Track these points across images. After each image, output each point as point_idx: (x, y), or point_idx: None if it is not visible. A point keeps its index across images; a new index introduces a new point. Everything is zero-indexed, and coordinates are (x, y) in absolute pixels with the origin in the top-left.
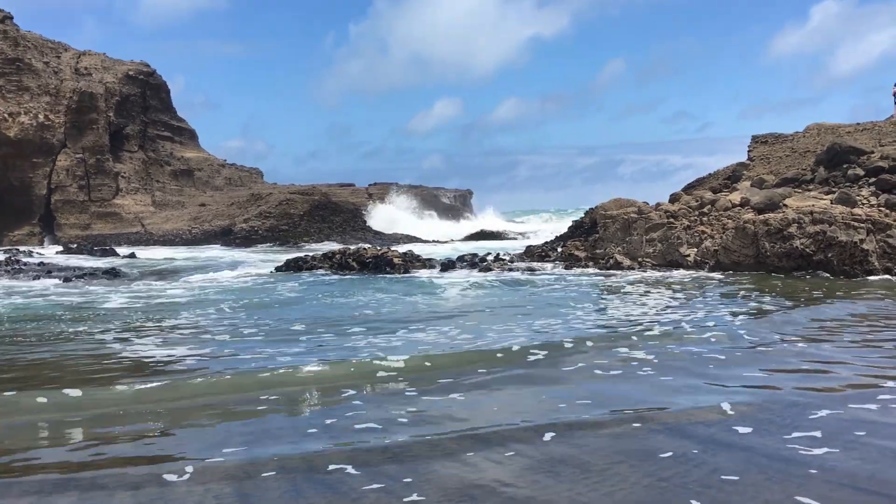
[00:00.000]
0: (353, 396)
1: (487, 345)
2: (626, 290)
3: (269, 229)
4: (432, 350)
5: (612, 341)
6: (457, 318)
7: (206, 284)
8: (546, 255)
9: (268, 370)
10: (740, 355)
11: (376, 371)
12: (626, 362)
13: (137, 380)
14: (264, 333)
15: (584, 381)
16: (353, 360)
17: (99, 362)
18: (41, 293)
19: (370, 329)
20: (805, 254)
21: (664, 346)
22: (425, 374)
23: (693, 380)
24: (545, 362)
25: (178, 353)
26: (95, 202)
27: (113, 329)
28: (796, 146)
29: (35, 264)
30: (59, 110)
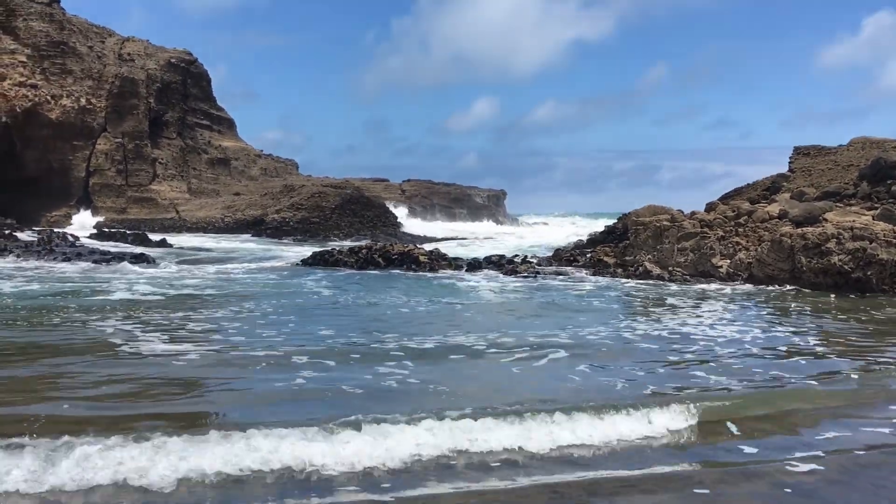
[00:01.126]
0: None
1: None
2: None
3: (300, 221)
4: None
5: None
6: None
7: (228, 276)
8: (574, 259)
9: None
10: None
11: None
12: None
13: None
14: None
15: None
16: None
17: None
18: (61, 277)
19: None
20: (843, 271)
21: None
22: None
23: None
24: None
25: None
26: (132, 187)
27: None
28: (839, 159)
29: (67, 247)
30: (101, 95)
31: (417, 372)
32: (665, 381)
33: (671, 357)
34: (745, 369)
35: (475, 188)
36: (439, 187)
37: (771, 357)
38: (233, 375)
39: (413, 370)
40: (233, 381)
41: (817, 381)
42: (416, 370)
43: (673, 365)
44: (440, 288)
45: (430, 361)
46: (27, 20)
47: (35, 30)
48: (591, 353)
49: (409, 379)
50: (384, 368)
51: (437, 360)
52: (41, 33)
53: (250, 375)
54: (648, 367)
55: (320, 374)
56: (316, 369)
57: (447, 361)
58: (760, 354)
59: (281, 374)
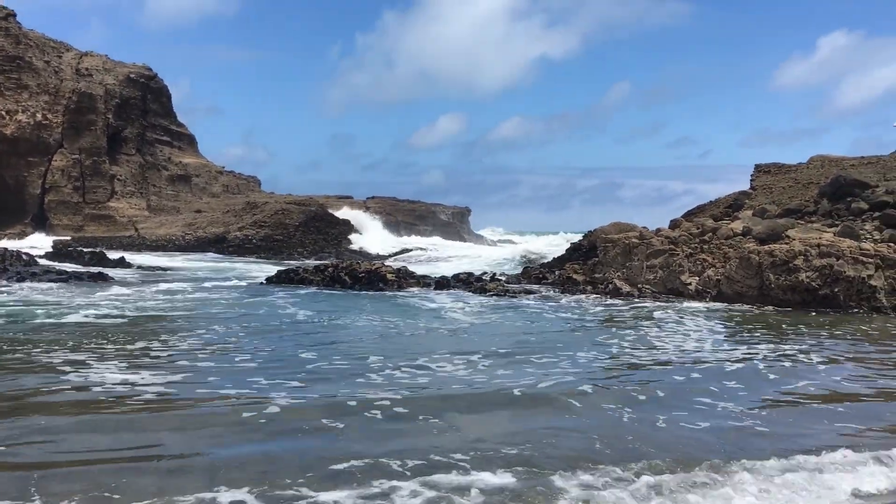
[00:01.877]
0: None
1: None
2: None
3: (262, 239)
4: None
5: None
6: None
7: (191, 296)
8: (543, 276)
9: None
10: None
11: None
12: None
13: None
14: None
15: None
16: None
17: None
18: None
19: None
20: (811, 288)
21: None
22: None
23: None
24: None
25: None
26: (90, 204)
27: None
28: (799, 177)
29: (21, 266)
30: (58, 110)
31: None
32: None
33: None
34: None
35: (440, 205)
36: (404, 204)
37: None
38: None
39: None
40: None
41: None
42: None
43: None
44: (414, 310)
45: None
46: None
47: None
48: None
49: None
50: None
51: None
52: None
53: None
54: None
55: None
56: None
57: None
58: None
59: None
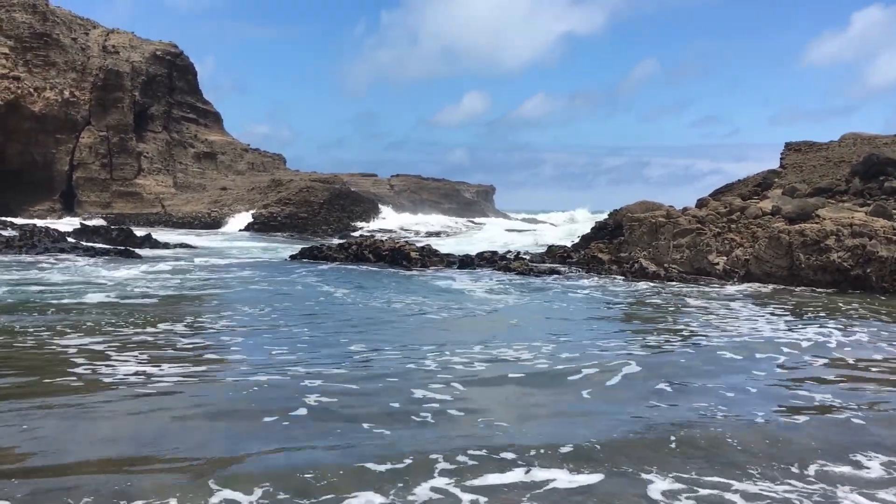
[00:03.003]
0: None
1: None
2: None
3: (287, 216)
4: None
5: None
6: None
7: (219, 276)
8: (568, 255)
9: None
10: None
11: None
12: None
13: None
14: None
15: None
16: None
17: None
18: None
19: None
20: (842, 268)
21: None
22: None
23: None
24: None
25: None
26: (117, 181)
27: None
28: (831, 155)
29: (49, 242)
30: (85, 87)
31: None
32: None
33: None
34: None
35: (464, 183)
36: (428, 182)
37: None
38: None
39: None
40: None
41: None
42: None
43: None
44: (445, 292)
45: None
46: (10, 11)
47: (18, 21)
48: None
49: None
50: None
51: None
52: (24, 25)
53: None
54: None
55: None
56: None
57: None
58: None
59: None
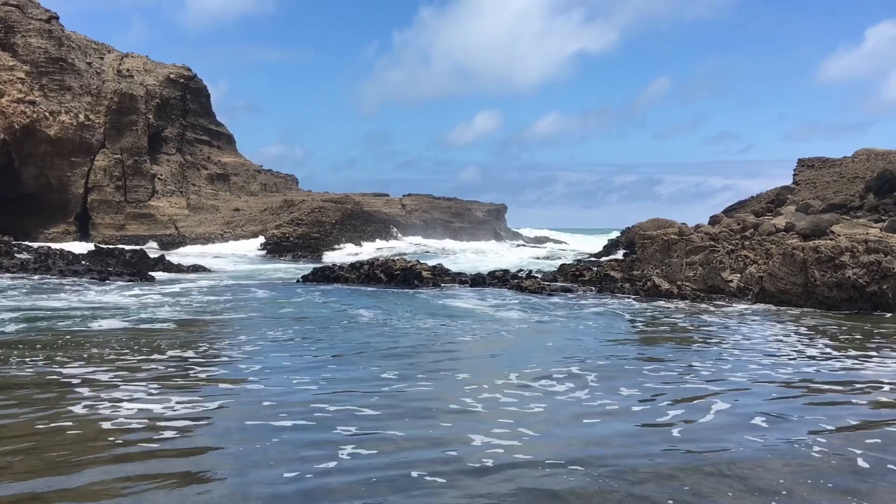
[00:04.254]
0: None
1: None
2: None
3: (300, 237)
4: None
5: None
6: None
7: (233, 297)
8: (580, 274)
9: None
10: None
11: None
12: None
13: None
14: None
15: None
16: None
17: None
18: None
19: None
20: (857, 285)
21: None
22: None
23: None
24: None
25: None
26: (131, 203)
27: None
28: (844, 171)
29: (63, 265)
30: (100, 111)
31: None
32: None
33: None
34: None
35: (476, 202)
36: (440, 202)
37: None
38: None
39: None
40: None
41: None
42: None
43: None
44: (462, 312)
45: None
46: (26, 36)
47: (34, 46)
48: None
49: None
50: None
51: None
52: (40, 49)
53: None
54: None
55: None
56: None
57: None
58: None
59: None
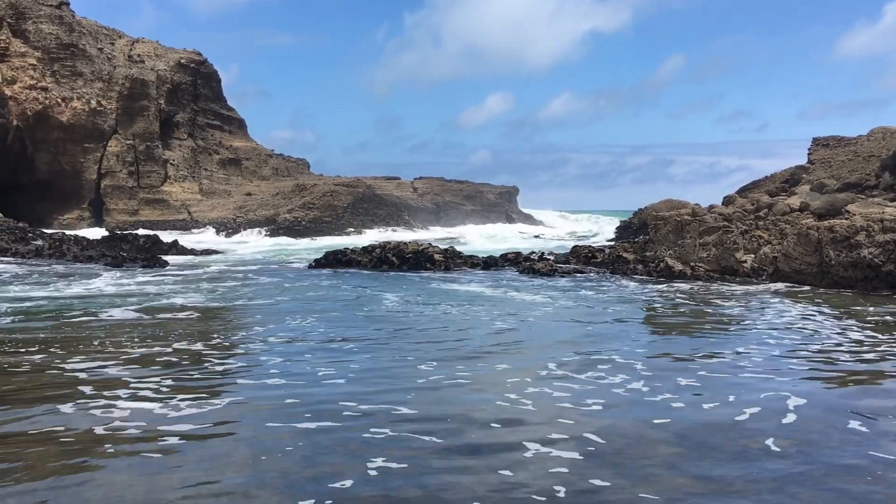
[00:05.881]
0: None
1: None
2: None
3: (312, 220)
4: None
5: None
6: None
7: (247, 282)
8: (593, 256)
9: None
10: None
11: None
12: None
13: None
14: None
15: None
16: None
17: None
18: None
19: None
20: (873, 264)
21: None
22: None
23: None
24: None
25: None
26: (144, 188)
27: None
28: (860, 150)
29: (78, 250)
30: (112, 96)
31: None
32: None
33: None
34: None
35: (487, 185)
36: (451, 184)
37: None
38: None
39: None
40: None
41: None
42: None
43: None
44: (479, 297)
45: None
46: (37, 23)
47: (45, 32)
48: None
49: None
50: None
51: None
52: (51, 36)
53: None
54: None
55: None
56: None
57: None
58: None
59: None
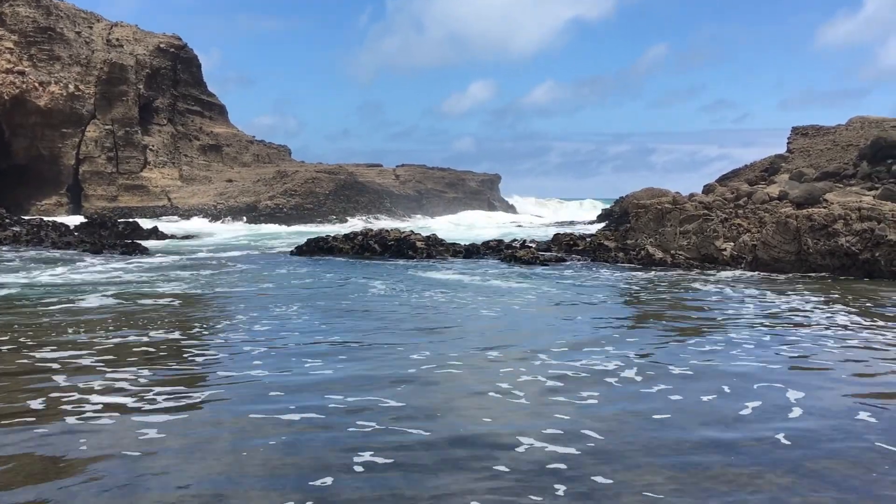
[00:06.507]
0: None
1: None
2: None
3: (293, 207)
4: None
5: None
6: None
7: (230, 270)
8: (574, 244)
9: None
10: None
11: None
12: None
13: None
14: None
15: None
16: None
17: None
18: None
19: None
20: (850, 252)
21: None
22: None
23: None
24: None
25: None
26: (123, 174)
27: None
28: (838, 139)
29: (56, 236)
30: (90, 81)
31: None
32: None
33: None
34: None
35: (470, 172)
36: (433, 172)
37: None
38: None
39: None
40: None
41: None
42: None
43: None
44: (463, 286)
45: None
46: (13, 6)
47: (21, 16)
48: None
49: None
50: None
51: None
52: (28, 19)
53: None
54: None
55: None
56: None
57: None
58: None
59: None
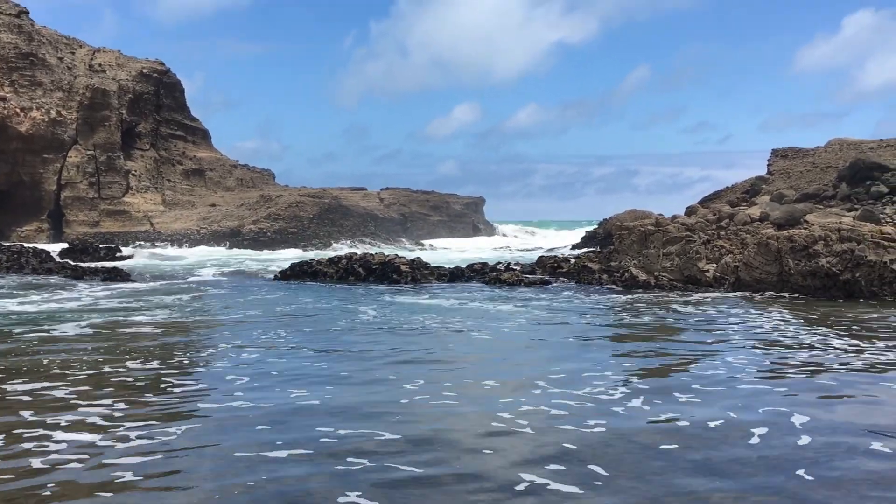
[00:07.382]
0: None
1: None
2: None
3: (277, 231)
4: None
5: None
6: None
7: (212, 296)
8: (559, 266)
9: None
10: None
11: None
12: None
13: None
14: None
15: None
16: None
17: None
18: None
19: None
20: (831, 273)
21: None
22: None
23: None
24: None
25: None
26: (105, 200)
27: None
28: (817, 161)
29: (37, 263)
30: (72, 106)
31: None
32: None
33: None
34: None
35: (454, 195)
36: (417, 195)
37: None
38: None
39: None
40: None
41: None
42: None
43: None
44: (451, 311)
45: None
46: None
47: (3, 41)
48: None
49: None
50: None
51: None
52: (9, 45)
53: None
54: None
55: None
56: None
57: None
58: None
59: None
